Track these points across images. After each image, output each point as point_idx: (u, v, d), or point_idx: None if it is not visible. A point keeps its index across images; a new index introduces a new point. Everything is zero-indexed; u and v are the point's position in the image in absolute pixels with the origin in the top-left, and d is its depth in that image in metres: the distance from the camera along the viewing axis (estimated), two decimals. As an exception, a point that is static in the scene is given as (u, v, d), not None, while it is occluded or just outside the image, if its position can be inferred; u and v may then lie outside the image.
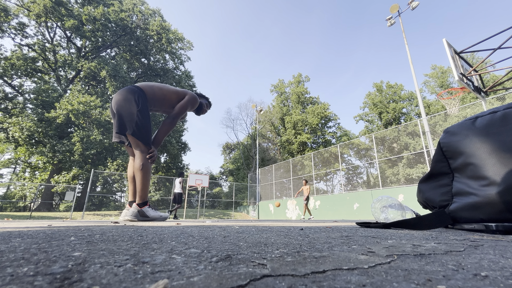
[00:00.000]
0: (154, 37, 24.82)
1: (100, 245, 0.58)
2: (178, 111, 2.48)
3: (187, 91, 2.63)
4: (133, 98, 2.27)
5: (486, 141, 0.98)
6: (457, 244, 0.64)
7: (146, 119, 2.28)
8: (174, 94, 2.55)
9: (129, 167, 2.51)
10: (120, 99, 2.27)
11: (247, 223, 2.33)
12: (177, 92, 2.57)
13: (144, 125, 2.26)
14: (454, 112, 7.22)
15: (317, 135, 33.68)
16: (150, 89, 2.46)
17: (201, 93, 3.02)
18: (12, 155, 23.25)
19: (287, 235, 0.90)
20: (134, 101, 2.25)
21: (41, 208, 18.84)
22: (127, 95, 2.27)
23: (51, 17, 19.69)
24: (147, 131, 2.29)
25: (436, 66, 31.76)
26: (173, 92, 2.56)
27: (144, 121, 2.26)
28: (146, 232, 0.96)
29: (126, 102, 2.25)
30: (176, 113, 2.47)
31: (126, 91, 2.30)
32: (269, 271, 0.33)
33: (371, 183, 23.83)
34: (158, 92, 2.48)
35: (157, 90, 2.48)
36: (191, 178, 14.25)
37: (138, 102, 2.27)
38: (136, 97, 2.29)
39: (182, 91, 2.61)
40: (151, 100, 2.44)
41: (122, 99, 2.26)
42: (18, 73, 19.54)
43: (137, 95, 2.30)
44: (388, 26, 12.28)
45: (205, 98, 3.00)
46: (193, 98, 2.59)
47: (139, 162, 2.23)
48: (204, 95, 3.01)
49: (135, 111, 2.24)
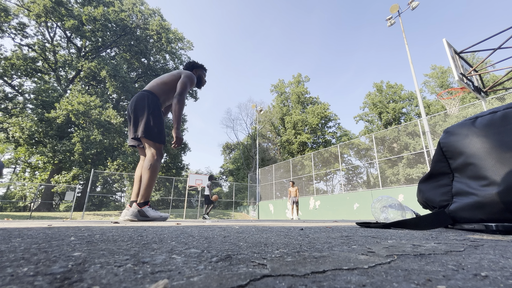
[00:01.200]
0: (154, 37, 24.82)
1: (100, 245, 0.58)
2: (180, 88, 2.50)
3: (181, 71, 2.68)
4: (144, 103, 2.39)
5: (486, 141, 0.98)
6: (457, 244, 0.64)
7: (156, 119, 2.38)
8: (172, 77, 2.61)
9: (138, 167, 2.60)
10: (133, 105, 2.42)
11: (247, 223, 2.33)
12: (173, 75, 2.63)
13: (155, 125, 2.36)
14: (454, 112, 7.22)
15: (317, 135, 33.68)
16: (156, 86, 2.55)
17: (193, 61, 2.96)
18: (12, 155, 23.25)
19: (287, 235, 0.90)
20: (145, 106, 2.38)
21: (41, 208, 18.84)
22: (138, 101, 2.42)
23: (51, 17, 19.69)
24: (159, 130, 2.39)
25: (436, 66, 31.77)
26: (170, 76, 2.62)
27: (155, 121, 2.36)
28: (146, 232, 0.96)
29: (138, 108, 2.39)
30: (179, 91, 2.49)
31: (137, 98, 2.45)
32: (269, 271, 0.33)
33: (371, 183, 23.84)
34: (161, 84, 2.57)
35: (159, 83, 2.58)
36: (191, 178, 14.24)
37: (150, 106, 2.38)
38: (147, 101, 2.40)
39: (177, 72, 2.66)
40: (160, 96, 2.53)
41: (135, 106, 2.41)
42: (18, 73, 19.54)
43: (147, 99, 2.41)
44: (388, 26, 12.28)
45: (200, 67, 2.93)
46: (189, 75, 2.62)
47: (147, 162, 2.31)
48: (197, 63, 2.93)
49: (146, 114, 2.35)
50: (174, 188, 26.85)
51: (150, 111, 2.37)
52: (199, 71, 2.91)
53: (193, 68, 2.90)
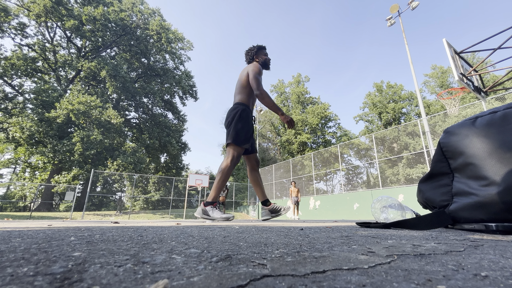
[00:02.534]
0: (154, 37, 24.82)
1: (100, 245, 0.58)
2: (254, 85, 2.52)
3: (246, 67, 2.69)
4: (233, 113, 2.51)
5: (486, 141, 0.98)
6: (457, 244, 0.64)
7: (242, 125, 2.47)
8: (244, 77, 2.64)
9: (248, 173, 2.71)
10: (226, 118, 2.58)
11: (247, 223, 2.33)
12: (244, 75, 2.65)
13: (240, 130, 2.45)
14: (454, 112, 7.21)
15: (317, 135, 33.67)
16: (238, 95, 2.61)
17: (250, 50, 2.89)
18: (12, 155, 23.25)
19: (287, 235, 0.90)
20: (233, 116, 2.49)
21: (41, 208, 18.84)
22: (228, 114, 2.57)
23: (51, 17, 19.68)
24: (244, 134, 2.47)
25: (436, 66, 31.75)
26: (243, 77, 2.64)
27: (240, 126, 2.46)
28: (146, 232, 0.96)
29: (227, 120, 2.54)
30: (254, 87, 2.51)
31: (229, 111, 2.59)
32: (269, 271, 0.33)
33: (371, 183, 23.83)
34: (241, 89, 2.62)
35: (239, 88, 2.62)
36: (191, 178, 14.24)
37: (239, 116, 2.48)
38: (235, 113, 2.50)
39: (245, 70, 2.68)
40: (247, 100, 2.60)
41: (226, 118, 2.57)
42: (18, 73, 19.54)
43: (236, 111, 2.51)
44: (388, 26, 12.28)
45: (258, 50, 2.89)
46: (252, 67, 2.62)
47: (222, 165, 2.39)
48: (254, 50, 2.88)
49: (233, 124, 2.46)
50: (174, 188, 26.85)
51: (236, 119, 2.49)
52: (260, 55, 2.87)
53: (253, 57, 2.86)
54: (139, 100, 24.90)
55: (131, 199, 24.54)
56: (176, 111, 28.61)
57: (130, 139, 26.20)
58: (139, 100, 24.98)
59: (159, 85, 26.57)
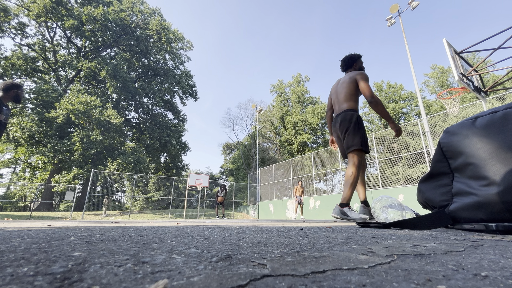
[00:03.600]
0: (154, 37, 24.81)
1: (100, 245, 0.58)
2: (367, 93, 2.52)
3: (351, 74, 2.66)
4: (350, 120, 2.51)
5: (486, 141, 0.98)
6: (457, 244, 0.64)
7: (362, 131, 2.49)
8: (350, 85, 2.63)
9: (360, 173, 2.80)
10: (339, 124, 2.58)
11: (247, 223, 2.33)
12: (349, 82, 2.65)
13: (363, 136, 2.47)
14: (454, 112, 7.21)
15: (317, 135, 33.67)
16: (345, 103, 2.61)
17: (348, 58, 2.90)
18: (12, 155, 23.25)
19: (287, 235, 0.90)
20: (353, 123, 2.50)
21: (41, 208, 18.84)
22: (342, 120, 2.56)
23: (51, 17, 19.68)
24: (366, 139, 2.49)
25: (436, 66, 31.74)
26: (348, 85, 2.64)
27: (362, 132, 2.48)
28: (146, 232, 0.96)
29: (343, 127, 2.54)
30: (368, 95, 2.51)
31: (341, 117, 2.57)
32: (269, 271, 0.33)
33: (371, 183, 23.82)
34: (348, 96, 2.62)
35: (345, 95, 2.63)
36: (191, 178, 14.23)
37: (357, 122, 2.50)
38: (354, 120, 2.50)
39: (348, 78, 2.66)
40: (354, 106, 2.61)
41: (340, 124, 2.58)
42: (18, 73, 19.53)
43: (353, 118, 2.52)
44: (388, 26, 12.27)
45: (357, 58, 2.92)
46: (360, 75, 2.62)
47: (349, 171, 2.41)
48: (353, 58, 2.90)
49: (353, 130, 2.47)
50: (174, 188, 26.84)
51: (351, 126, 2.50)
52: (358, 61, 2.90)
53: (353, 64, 2.88)
54: (139, 100, 24.90)
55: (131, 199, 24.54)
56: (176, 111, 28.62)
57: (130, 139, 26.21)
58: (139, 100, 24.98)
59: (159, 85, 26.57)
